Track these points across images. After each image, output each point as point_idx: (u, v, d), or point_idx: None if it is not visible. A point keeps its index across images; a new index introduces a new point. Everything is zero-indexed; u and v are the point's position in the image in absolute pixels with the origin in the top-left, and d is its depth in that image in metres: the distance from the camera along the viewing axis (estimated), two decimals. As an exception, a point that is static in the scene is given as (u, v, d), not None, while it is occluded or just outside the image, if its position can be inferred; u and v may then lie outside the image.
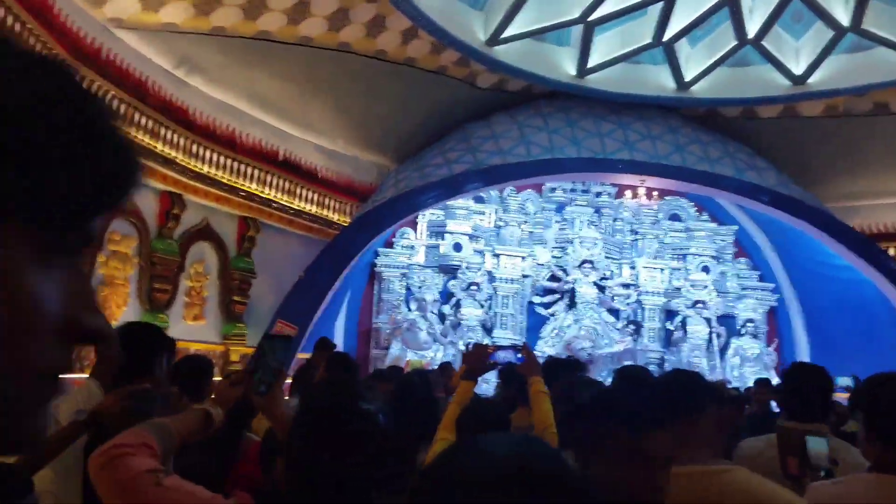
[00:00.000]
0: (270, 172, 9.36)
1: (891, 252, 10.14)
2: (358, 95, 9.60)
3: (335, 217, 10.15)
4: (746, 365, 10.89)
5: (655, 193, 10.21)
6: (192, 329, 8.63)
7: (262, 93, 9.02)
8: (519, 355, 2.81)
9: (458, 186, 9.32)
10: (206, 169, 8.52)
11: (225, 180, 8.86)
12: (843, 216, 10.17)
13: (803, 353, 10.87)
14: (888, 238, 10.48)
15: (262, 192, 9.26)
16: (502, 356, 2.94)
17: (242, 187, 9.09)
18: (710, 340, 11.21)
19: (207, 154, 8.55)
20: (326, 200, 10.09)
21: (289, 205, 9.56)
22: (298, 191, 9.72)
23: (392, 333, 10.95)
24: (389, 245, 11.41)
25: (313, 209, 9.88)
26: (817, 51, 8.99)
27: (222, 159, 8.79)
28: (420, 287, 11.03)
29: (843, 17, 8.63)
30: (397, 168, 10.31)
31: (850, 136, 9.95)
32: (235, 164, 9.02)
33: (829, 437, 2.17)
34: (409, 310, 10.93)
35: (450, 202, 11.36)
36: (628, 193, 10.26)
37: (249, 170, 9.15)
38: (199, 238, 8.82)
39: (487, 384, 6.74)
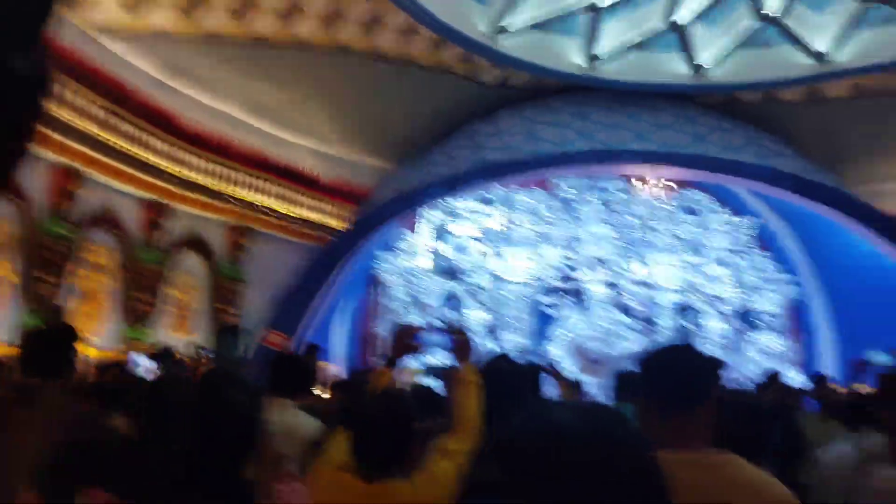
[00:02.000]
0: (264, 178, 8.69)
1: None
2: (356, 98, 8.99)
3: (334, 223, 9.50)
4: (767, 361, 10.21)
5: (666, 185, 9.45)
6: (179, 342, 7.96)
7: (256, 97, 8.37)
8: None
9: (459, 183, 8.63)
10: (193, 176, 7.83)
11: (214, 187, 8.17)
12: (870, 200, 9.52)
13: (828, 348, 10.24)
14: None
15: (255, 198, 8.59)
16: (434, 339, 2.44)
17: (233, 194, 8.40)
18: (728, 337, 10.63)
19: (195, 161, 7.86)
20: (324, 206, 9.44)
21: (284, 212, 8.90)
22: (294, 197, 9.06)
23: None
24: (390, 248, 10.73)
25: (311, 215, 9.22)
26: (843, 25, 8.28)
27: (211, 166, 8.11)
28: (422, 291, 10.40)
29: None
30: (396, 170, 9.64)
31: (879, 115, 9.26)
32: (226, 171, 8.33)
33: None
34: (409, 314, 10.21)
35: (456, 204, 10.76)
36: (639, 185, 9.56)
37: (241, 176, 8.47)
38: (185, 247, 8.14)
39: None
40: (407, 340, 2.30)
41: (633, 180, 9.78)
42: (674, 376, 1.48)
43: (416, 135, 9.56)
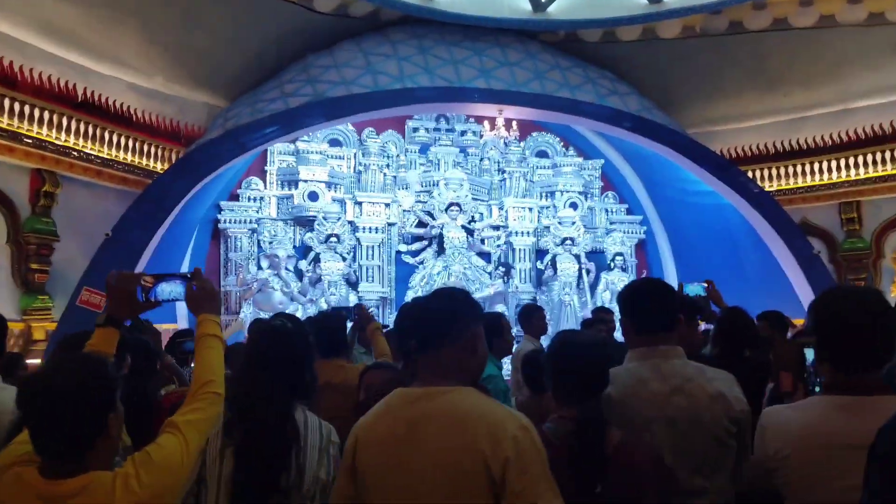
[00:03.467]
0: (69, 115, 7.59)
1: (750, 175, 9.90)
2: (174, 25, 7.97)
3: (158, 166, 8.54)
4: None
5: (515, 128, 9.39)
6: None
7: (49, 18, 7.23)
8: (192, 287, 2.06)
9: (295, 121, 8.00)
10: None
11: (7, 127, 7.02)
12: (704, 141, 9.74)
13: (672, 283, 10.51)
14: (748, 161, 10.16)
15: (59, 139, 7.48)
16: (167, 291, 2.08)
17: (31, 134, 7.26)
18: (580, 277, 10.81)
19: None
20: (146, 147, 8.43)
21: (96, 153, 7.85)
22: (108, 137, 8.01)
23: (242, 296, 9.68)
24: (234, 198, 9.99)
25: (129, 157, 8.22)
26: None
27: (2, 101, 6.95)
28: (271, 243, 9.72)
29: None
30: (228, 107, 8.84)
31: (709, 58, 9.43)
32: (19, 106, 7.17)
33: None
34: (260, 269, 9.63)
35: (302, 147, 10.12)
36: (487, 126, 9.44)
37: (40, 112, 7.33)
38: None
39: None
40: (127, 292, 1.93)
41: (485, 123, 9.63)
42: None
43: (249, 68, 8.76)
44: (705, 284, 3.71)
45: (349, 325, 3.70)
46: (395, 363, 2.93)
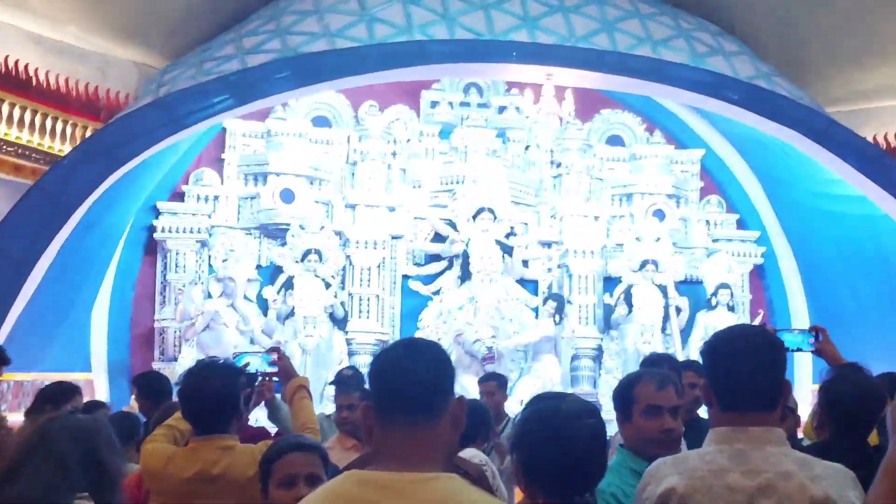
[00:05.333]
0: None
1: None
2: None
3: (67, 148, 8.29)
4: None
5: (572, 102, 8.96)
6: None
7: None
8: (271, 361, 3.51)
9: (255, 86, 7.72)
10: None
11: None
12: (851, 123, 9.28)
13: (801, 325, 10.10)
14: None
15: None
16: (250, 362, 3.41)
17: None
18: (667, 318, 10.46)
19: None
20: (50, 122, 8.17)
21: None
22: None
23: (183, 335, 9.43)
24: (178, 197, 9.82)
25: (25, 137, 8.00)
26: None
27: None
28: (226, 260, 9.53)
29: None
30: (166, 67, 8.63)
31: (866, 8, 8.98)
32: None
33: None
34: (209, 296, 9.42)
35: (274, 127, 9.91)
36: (530, 98, 8.96)
37: None
38: None
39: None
40: None
41: (529, 93, 9.25)
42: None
43: (196, 15, 8.50)
44: (811, 333, 3.56)
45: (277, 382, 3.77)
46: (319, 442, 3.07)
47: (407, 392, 1.64)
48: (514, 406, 9.65)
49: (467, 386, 9.23)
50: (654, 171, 10.85)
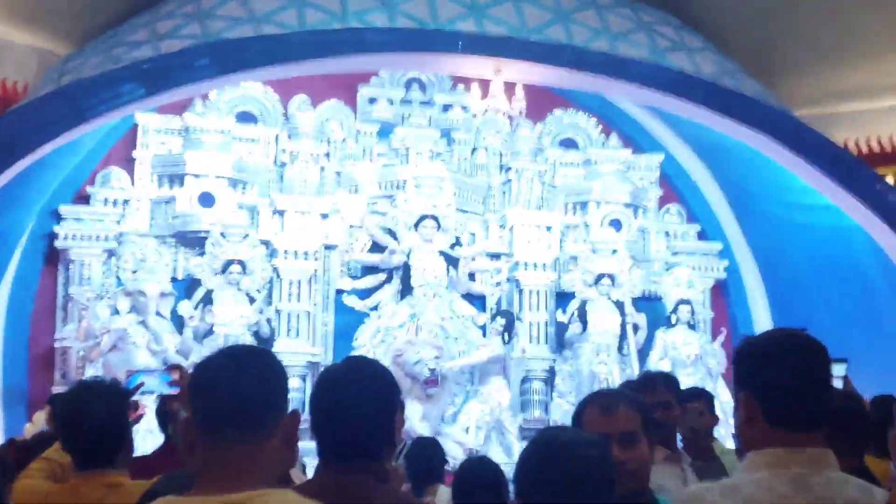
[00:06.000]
0: None
1: (890, 180, 9.61)
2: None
3: None
4: (681, 371, 10.19)
5: (522, 100, 8.93)
6: None
7: None
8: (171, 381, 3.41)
9: (168, 74, 7.56)
10: None
11: None
12: (821, 127, 9.45)
13: None
14: (889, 160, 9.95)
15: None
16: (146, 382, 3.33)
17: None
18: (623, 336, 10.49)
19: None
20: None
21: None
22: None
23: (88, 354, 9.17)
24: (83, 199, 9.64)
25: None
26: None
27: None
28: (136, 271, 9.38)
29: None
30: (70, 54, 8.39)
31: (842, 2, 9.16)
32: None
33: None
34: (117, 312, 9.25)
35: (193, 122, 9.79)
36: (477, 94, 8.90)
37: None
38: None
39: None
40: None
41: (475, 88, 9.18)
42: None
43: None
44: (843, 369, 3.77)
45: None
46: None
47: (234, 404, 1.64)
48: (460, 434, 9.61)
49: (408, 412, 9.19)
50: (610, 178, 10.93)
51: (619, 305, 10.49)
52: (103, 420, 2.77)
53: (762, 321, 11.05)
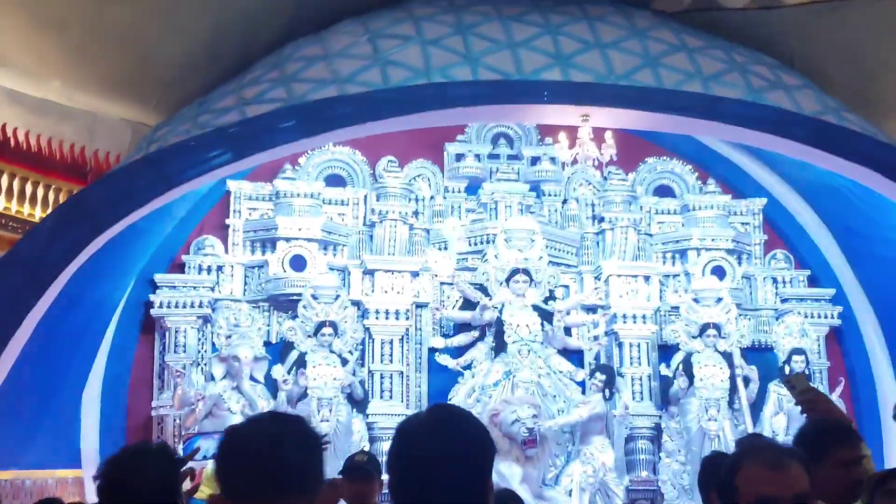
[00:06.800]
0: None
1: None
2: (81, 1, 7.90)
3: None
4: (797, 426, 9.50)
5: (612, 144, 8.69)
6: None
7: None
8: None
9: (252, 137, 7.56)
10: None
11: None
12: None
13: (889, 397, 9.85)
14: None
15: None
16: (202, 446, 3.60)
17: None
18: (733, 390, 10.01)
19: None
20: (31, 187, 8.14)
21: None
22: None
23: (184, 422, 9.15)
24: (178, 268, 9.77)
25: (2, 204, 7.88)
26: None
27: None
28: (231, 336, 9.40)
29: None
30: (160, 123, 8.53)
31: None
32: None
33: None
34: (212, 379, 9.31)
35: (283, 187, 9.91)
36: (565, 143, 8.68)
37: None
38: None
39: None
40: None
41: (559, 141, 9.01)
42: None
43: (195, 67, 8.42)
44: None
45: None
46: None
47: (271, 469, 1.57)
48: (563, 497, 9.20)
49: (505, 473, 8.90)
50: (710, 224, 10.61)
51: (728, 357, 10.03)
52: (153, 486, 2.56)
53: (882, 369, 10.52)
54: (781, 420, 9.97)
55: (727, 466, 2.07)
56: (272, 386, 9.42)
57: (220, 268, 9.80)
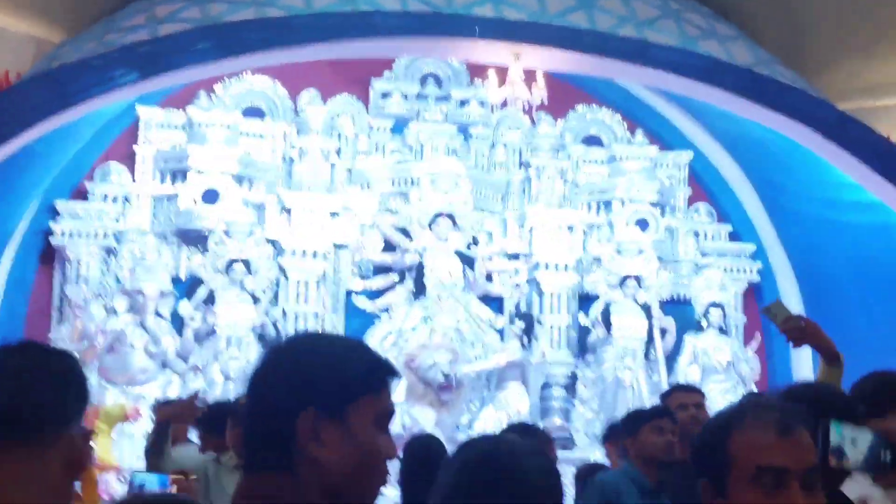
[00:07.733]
0: None
1: None
2: None
3: None
4: (711, 378, 10.09)
5: (543, 88, 8.60)
6: None
7: None
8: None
9: (161, 59, 7.23)
10: None
11: None
12: (864, 119, 9.10)
13: (803, 355, 9.61)
14: None
15: None
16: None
17: None
18: (650, 341, 10.21)
19: None
20: None
21: None
22: None
23: (83, 357, 8.81)
24: (81, 195, 9.43)
25: None
26: None
27: None
28: (135, 270, 9.16)
29: None
30: (65, 41, 8.09)
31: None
32: None
33: None
34: (113, 313, 9.09)
35: (198, 116, 9.58)
36: (493, 82, 8.56)
37: None
38: None
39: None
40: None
41: (487, 82, 8.86)
42: None
43: None
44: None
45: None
46: None
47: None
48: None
49: (419, 417, 8.94)
50: (636, 176, 10.60)
51: (646, 308, 10.19)
52: None
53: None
54: (696, 371, 10.12)
55: (714, 428, 1.70)
56: (178, 323, 9.26)
57: (126, 198, 9.53)
